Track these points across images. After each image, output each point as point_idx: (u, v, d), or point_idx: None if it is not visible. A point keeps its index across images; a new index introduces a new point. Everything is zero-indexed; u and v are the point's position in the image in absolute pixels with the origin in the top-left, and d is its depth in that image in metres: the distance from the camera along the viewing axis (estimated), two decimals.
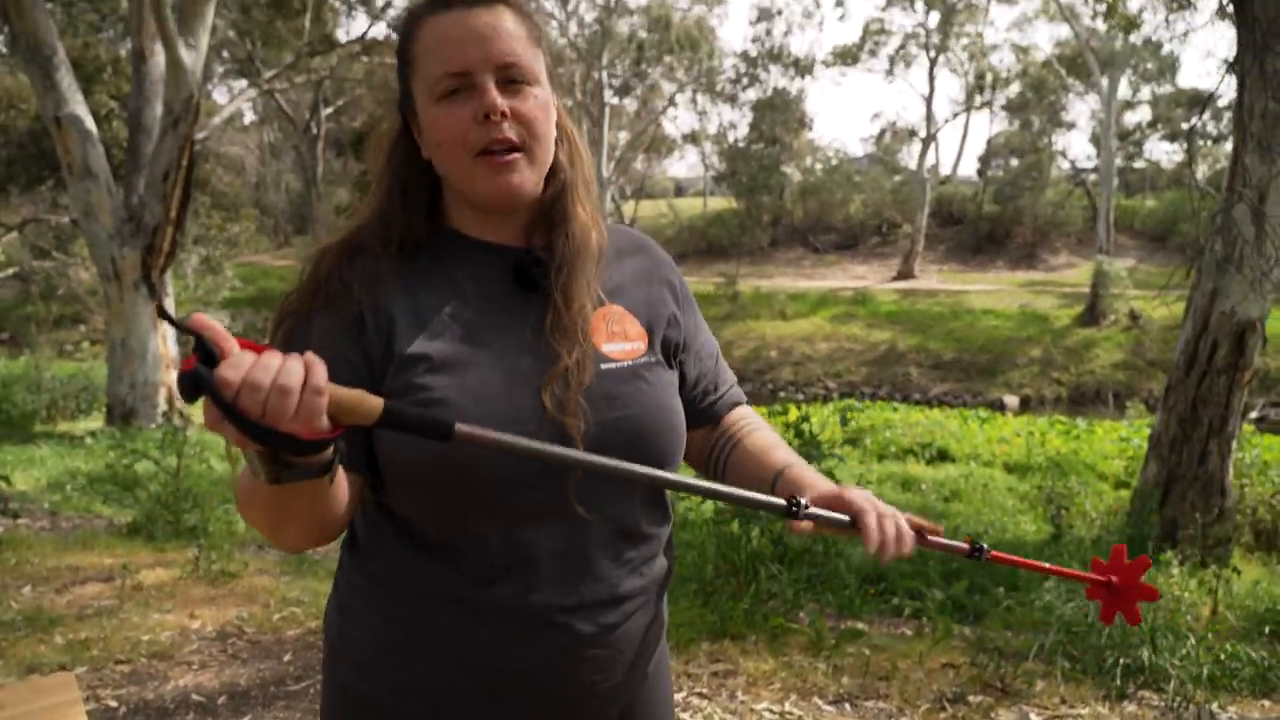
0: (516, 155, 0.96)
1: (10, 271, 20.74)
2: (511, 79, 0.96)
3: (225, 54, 24.15)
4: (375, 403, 0.77)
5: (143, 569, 3.90)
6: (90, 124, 9.51)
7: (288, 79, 15.97)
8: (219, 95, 28.90)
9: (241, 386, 0.71)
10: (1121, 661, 2.75)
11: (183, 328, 0.73)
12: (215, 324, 0.74)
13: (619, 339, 1.03)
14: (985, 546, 0.95)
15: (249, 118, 34.54)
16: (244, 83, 23.81)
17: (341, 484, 0.90)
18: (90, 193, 9.51)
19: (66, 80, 9.21)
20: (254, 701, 2.71)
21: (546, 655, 0.97)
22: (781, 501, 0.92)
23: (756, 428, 1.15)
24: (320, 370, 0.74)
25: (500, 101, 0.94)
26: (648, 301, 1.08)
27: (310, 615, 3.38)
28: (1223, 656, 2.79)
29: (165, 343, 10.08)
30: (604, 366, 1.00)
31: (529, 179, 0.98)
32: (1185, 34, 15.27)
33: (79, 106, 9.35)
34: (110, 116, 14.23)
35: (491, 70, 0.95)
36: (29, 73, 9.42)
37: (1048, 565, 1.10)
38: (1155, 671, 2.73)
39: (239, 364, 0.72)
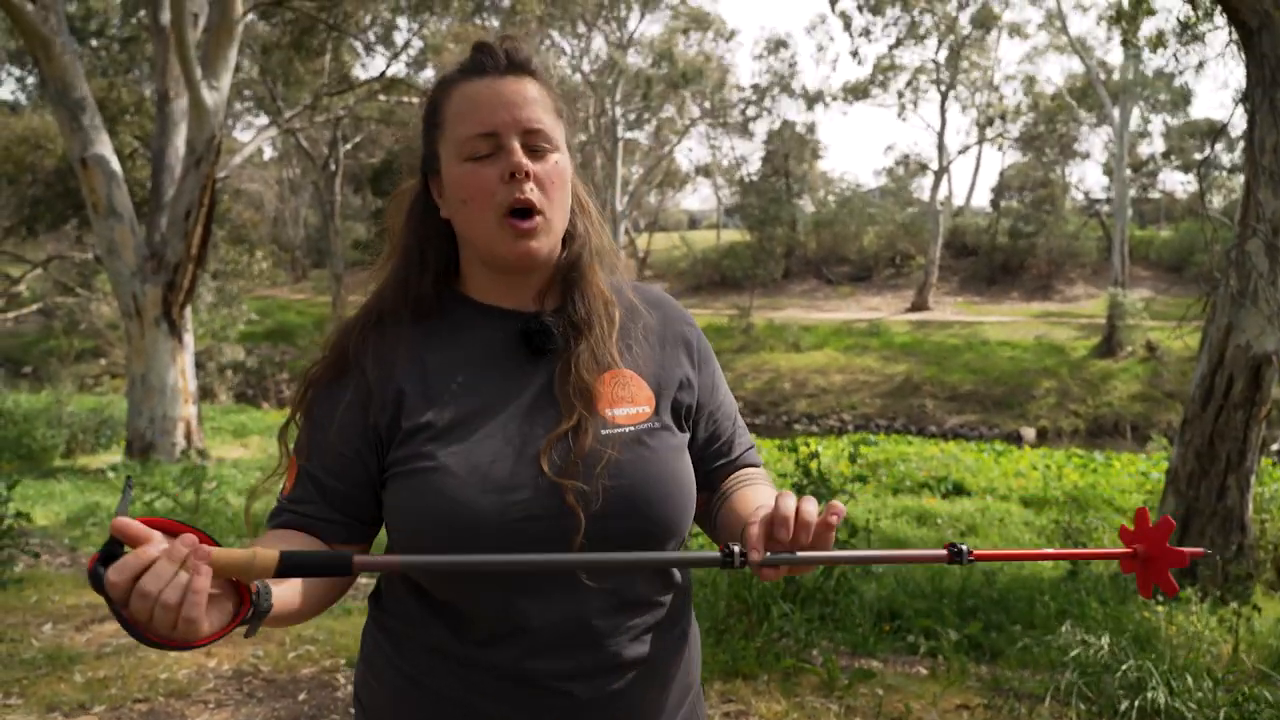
0: (536, 219, 1.01)
1: (35, 307, 21.06)
2: (535, 145, 1.02)
3: (246, 92, 24.62)
4: (269, 558, 0.80)
5: None
6: (115, 164, 9.72)
7: (307, 118, 16.26)
8: (239, 132, 29.43)
9: (131, 594, 0.75)
10: (1137, 704, 2.72)
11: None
12: (132, 524, 0.77)
13: (624, 403, 1.03)
14: (966, 549, 0.88)
15: (269, 154, 35.10)
16: (264, 119, 24.25)
17: (310, 591, 0.96)
18: (114, 231, 9.69)
19: (93, 122, 9.43)
20: None
21: (542, 712, 0.98)
22: (717, 554, 0.86)
23: (751, 481, 1.13)
24: (203, 571, 0.76)
25: (525, 162, 1.00)
26: (659, 363, 1.09)
27: (324, 654, 3.40)
28: (1240, 699, 2.76)
29: (185, 377, 10.20)
30: (605, 431, 1.00)
31: (545, 245, 1.03)
32: (1200, 65, 15.32)
33: (105, 148, 9.57)
34: (134, 156, 14.51)
35: (518, 134, 1.00)
36: (57, 115, 9.66)
37: (1052, 551, 1.02)
38: (1171, 715, 2.71)
39: (126, 568, 0.75)
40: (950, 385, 22.10)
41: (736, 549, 0.85)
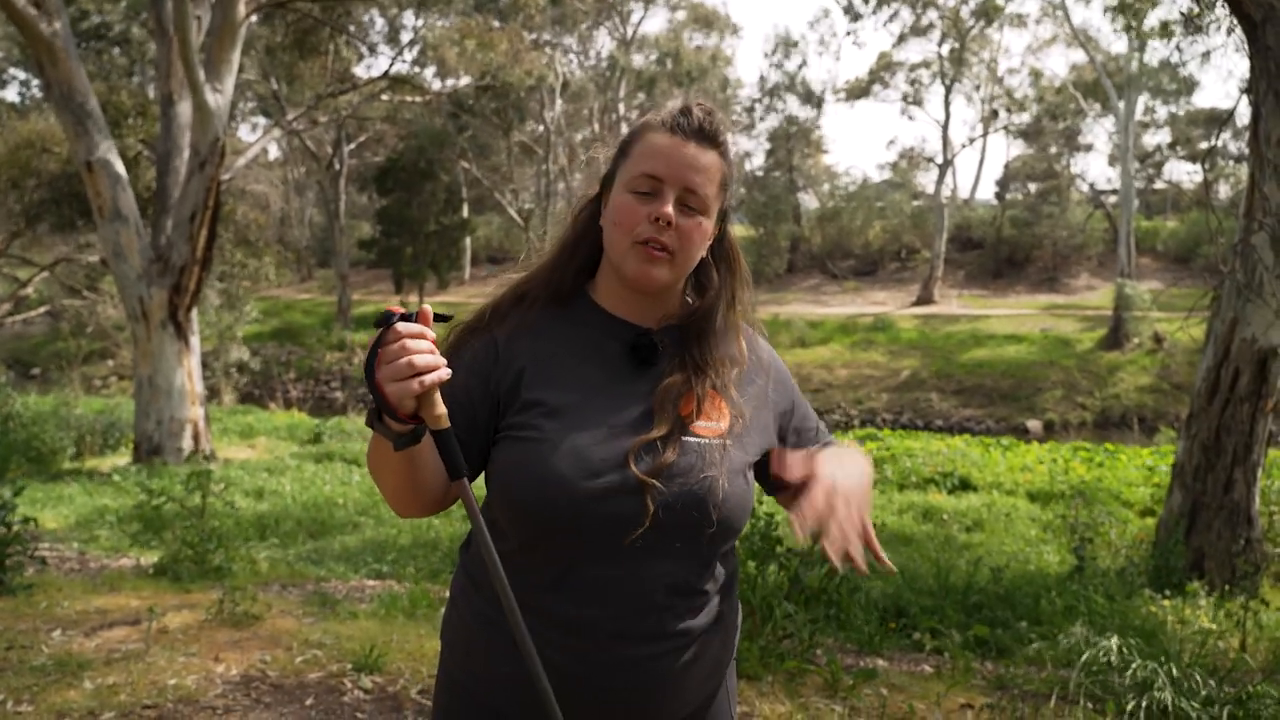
0: (665, 255, 1.18)
1: (42, 309, 21.16)
2: (689, 204, 1.19)
3: (250, 93, 24.66)
4: (444, 418, 1.04)
5: (169, 611, 3.96)
6: (120, 168, 9.75)
7: (310, 118, 16.29)
8: (244, 133, 29.47)
9: (403, 339, 1.00)
10: (1144, 705, 2.72)
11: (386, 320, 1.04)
12: (426, 311, 1.04)
13: (707, 417, 1.20)
14: None
15: (274, 154, 35.17)
16: (268, 120, 24.28)
17: (435, 464, 1.13)
18: (119, 234, 9.73)
19: (98, 126, 9.46)
20: None
21: (598, 666, 1.14)
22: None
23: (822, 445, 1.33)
24: (441, 373, 1.02)
25: (672, 213, 1.17)
26: (744, 396, 1.25)
27: (331, 658, 3.41)
28: (1244, 696, 2.75)
29: (191, 379, 10.24)
30: (686, 439, 1.17)
31: (666, 276, 1.20)
32: (1205, 55, 15.24)
33: (109, 151, 9.60)
34: (138, 159, 14.55)
35: (679, 189, 1.18)
36: (61, 119, 9.69)
37: None
38: (1179, 715, 2.71)
39: (412, 331, 1.01)
40: (956, 379, 22.06)
41: None
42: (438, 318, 1.06)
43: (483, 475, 1.23)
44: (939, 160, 30.82)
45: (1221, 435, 5.69)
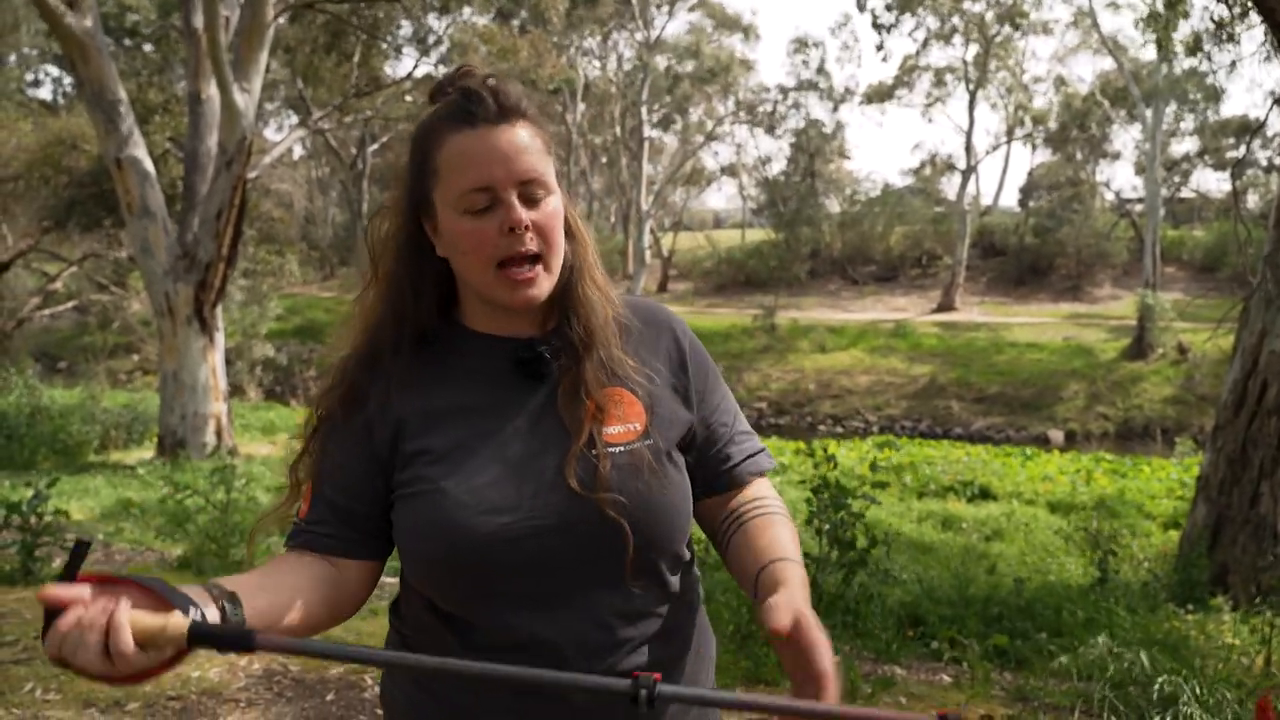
0: (536, 269, 1.03)
1: (70, 304, 21.45)
2: (531, 194, 1.03)
3: (276, 94, 24.90)
4: (179, 626, 0.82)
5: None
6: (149, 165, 9.87)
7: (336, 119, 16.42)
8: (270, 132, 29.76)
9: (62, 655, 0.81)
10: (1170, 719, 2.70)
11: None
12: (51, 594, 0.82)
13: (616, 421, 1.05)
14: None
15: (298, 153, 35.48)
16: (294, 119, 24.51)
17: (311, 604, 0.99)
18: (147, 230, 9.85)
19: (128, 124, 9.59)
20: None
21: None
22: (625, 683, 0.82)
23: (764, 510, 1.12)
24: (124, 634, 0.80)
25: (524, 215, 1.01)
26: (650, 379, 1.09)
27: None
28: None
29: (215, 375, 10.35)
30: (595, 450, 1.02)
31: (545, 287, 1.05)
32: (1233, 65, 15.08)
33: (139, 149, 9.72)
34: (165, 156, 14.73)
35: (515, 186, 1.01)
36: (92, 116, 9.83)
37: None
38: None
39: (53, 638, 0.82)
40: (977, 387, 21.91)
41: (643, 691, 0.80)
42: (75, 551, 0.85)
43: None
44: (962, 166, 30.66)
45: (1248, 448, 5.63)
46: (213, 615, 0.87)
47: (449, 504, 0.99)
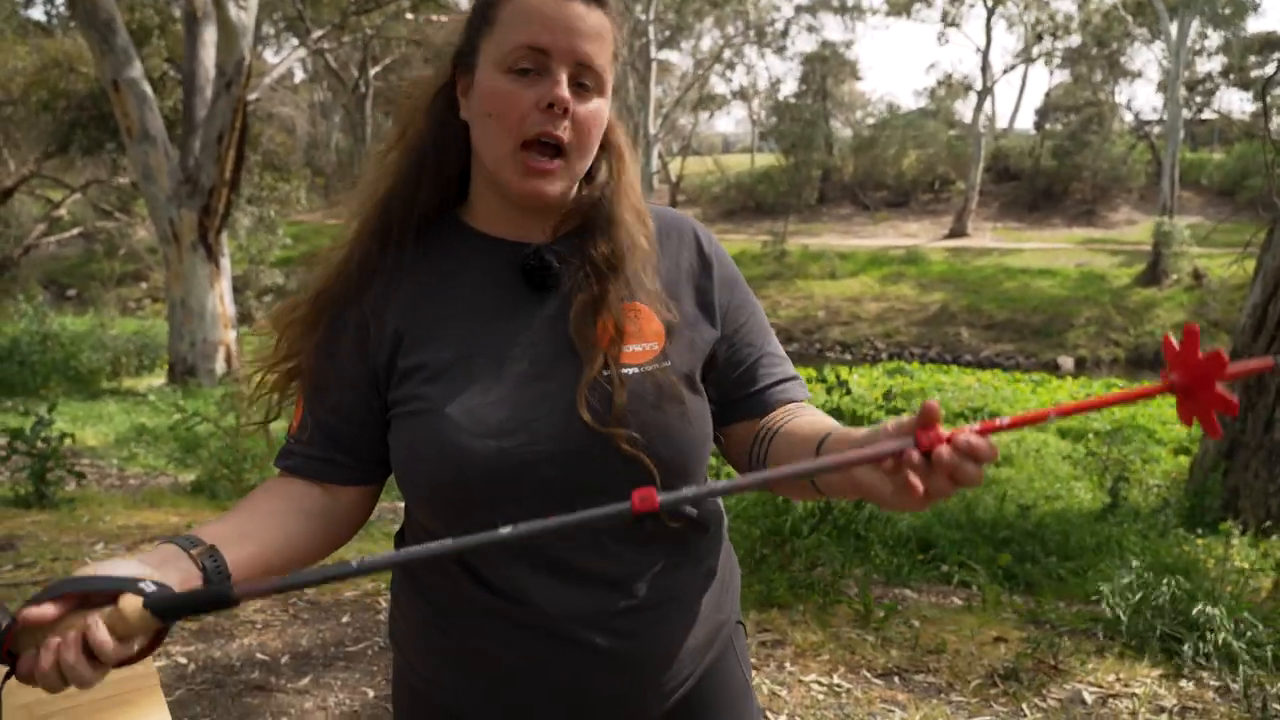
0: (557, 163, 0.94)
1: (75, 231, 21.35)
2: (583, 81, 0.94)
3: (276, 14, 24.26)
4: (134, 609, 0.74)
5: None
6: (146, 87, 9.66)
7: (335, 38, 16.01)
8: (269, 56, 29.11)
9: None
10: (1198, 644, 2.69)
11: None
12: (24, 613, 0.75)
13: (633, 339, 0.96)
14: (1052, 415, 0.77)
15: (299, 76, 34.77)
16: (293, 41, 23.95)
17: (297, 538, 0.94)
18: (148, 155, 9.70)
19: (123, 44, 9.35)
20: (315, 662, 2.81)
21: (561, 663, 0.95)
22: (624, 505, 0.75)
23: (804, 413, 1.02)
24: (99, 634, 0.73)
25: (568, 96, 0.91)
26: (671, 295, 1.01)
27: (368, 578, 3.47)
28: None
29: (223, 302, 10.31)
30: (615, 373, 0.94)
31: (558, 188, 0.95)
32: None
33: (136, 71, 9.50)
34: (164, 79, 14.42)
35: (571, 64, 0.92)
36: (86, 37, 9.58)
37: (1106, 397, 0.82)
38: (1227, 655, 2.68)
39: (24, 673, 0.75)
40: (987, 314, 21.76)
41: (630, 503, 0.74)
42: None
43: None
44: (978, 87, 29.87)
45: (1264, 373, 5.56)
46: (192, 574, 0.81)
47: (445, 425, 0.91)
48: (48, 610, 0.74)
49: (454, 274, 1.00)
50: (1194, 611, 2.81)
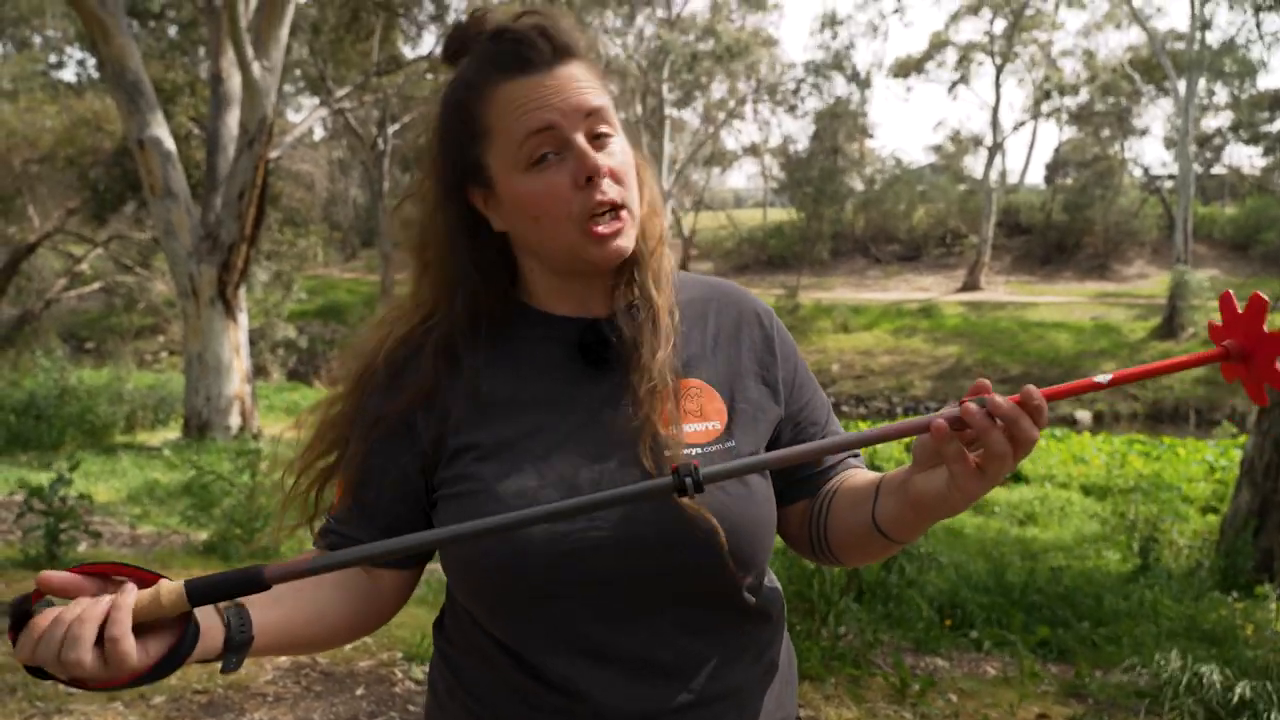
0: (622, 218, 0.90)
1: (96, 285, 21.59)
2: (598, 131, 0.90)
3: (297, 73, 24.84)
4: (174, 590, 0.76)
5: None
6: (171, 146, 9.82)
7: (357, 98, 16.34)
8: (291, 114, 29.73)
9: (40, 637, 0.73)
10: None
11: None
12: (53, 577, 0.76)
13: (694, 418, 0.92)
14: (1102, 380, 0.79)
15: (319, 134, 35.46)
16: (314, 100, 24.44)
17: (328, 612, 0.92)
18: (170, 212, 9.81)
19: (149, 104, 9.53)
20: None
21: None
22: (667, 480, 0.77)
23: (859, 471, 1.01)
24: (122, 615, 0.73)
25: (599, 161, 0.88)
26: (732, 371, 0.97)
27: (382, 647, 3.37)
28: None
29: (239, 356, 10.34)
30: (667, 452, 0.89)
31: (631, 236, 0.92)
32: (1277, 34, 14.62)
33: (161, 129, 9.67)
34: (189, 137, 14.71)
35: (581, 121, 0.89)
36: (114, 97, 9.78)
37: (1163, 364, 0.83)
38: None
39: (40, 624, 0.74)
40: (1002, 367, 21.62)
41: (688, 478, 0.77)
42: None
43: None
44: (988, 143, 30.13)
45: None
46: (214, 625, 0.81)
47: (496, 507, 0.86)
48: (73, 578, 0.75)
49: (508, 354, 0.96)
50: (1239, 688, 2.69)
